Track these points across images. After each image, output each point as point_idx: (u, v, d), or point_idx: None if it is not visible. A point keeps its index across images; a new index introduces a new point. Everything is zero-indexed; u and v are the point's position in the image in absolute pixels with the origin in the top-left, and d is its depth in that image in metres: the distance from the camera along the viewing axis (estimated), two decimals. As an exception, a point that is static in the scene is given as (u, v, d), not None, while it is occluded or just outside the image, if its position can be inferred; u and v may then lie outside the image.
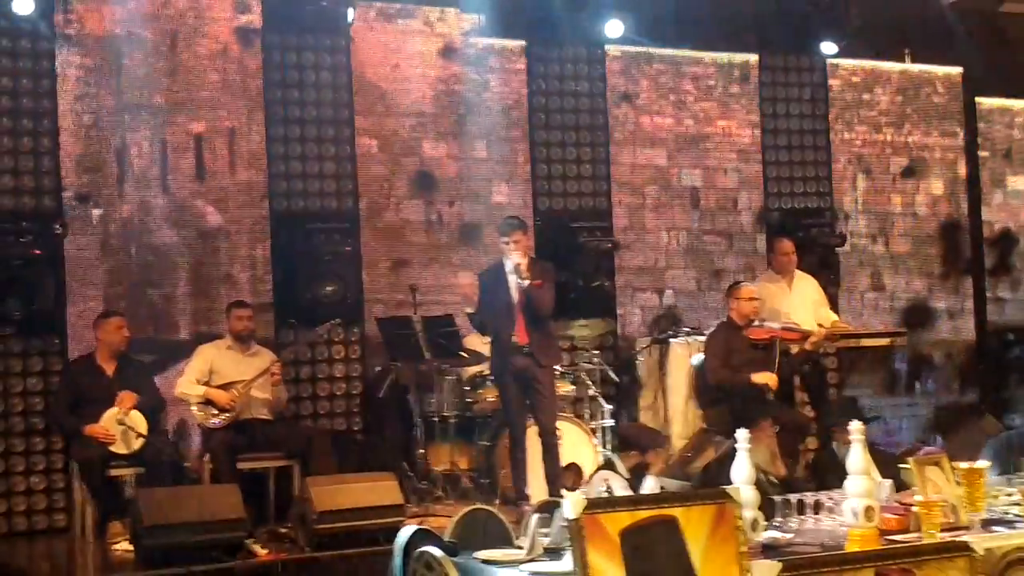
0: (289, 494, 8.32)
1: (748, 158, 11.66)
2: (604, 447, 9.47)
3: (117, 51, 9.53)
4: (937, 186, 12.64)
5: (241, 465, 8.47)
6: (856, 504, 4.91)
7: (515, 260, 8.33)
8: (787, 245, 10.23)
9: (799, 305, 9.87)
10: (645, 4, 10.49)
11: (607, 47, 10.83)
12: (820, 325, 9.73)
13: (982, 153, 12.75)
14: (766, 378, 8.96)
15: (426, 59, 10.56)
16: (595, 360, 10.00)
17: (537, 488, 8.38)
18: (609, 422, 9.74)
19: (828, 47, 11.28)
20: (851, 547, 4.81)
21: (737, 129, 11.70)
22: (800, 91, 11.45)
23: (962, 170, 12.68)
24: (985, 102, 12.79)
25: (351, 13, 9.64)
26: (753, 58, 11.51)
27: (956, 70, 12.54)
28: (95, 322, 8.65)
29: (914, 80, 12.55)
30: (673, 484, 7.80)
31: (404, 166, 10.51)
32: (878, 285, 12.33)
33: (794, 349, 9.54)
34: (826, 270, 10.92)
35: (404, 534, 5.07)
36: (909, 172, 12.55)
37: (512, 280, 8.39)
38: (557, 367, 8.96)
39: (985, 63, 12.11)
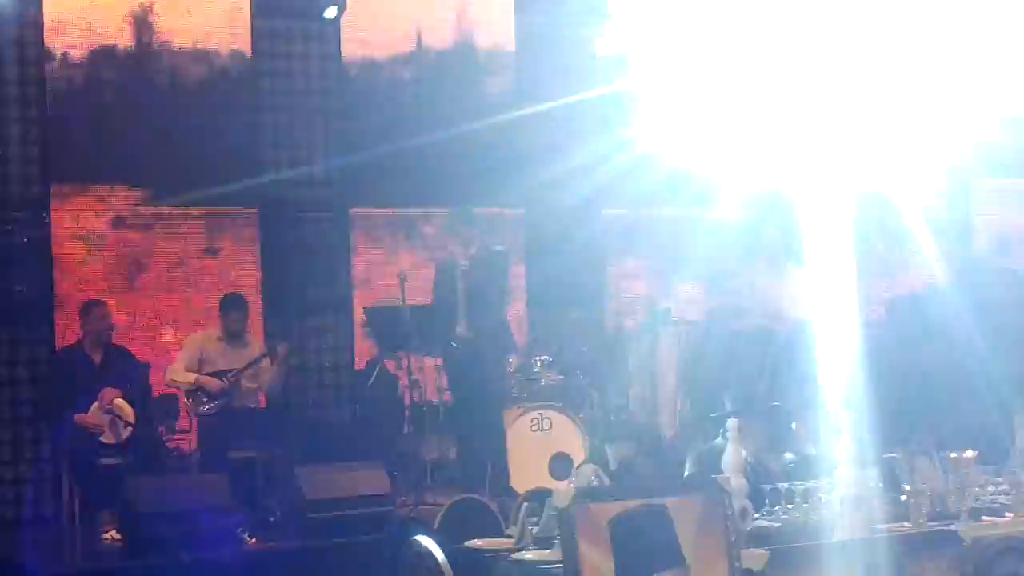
0: (279, 483, 8.30)
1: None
2: (593, 437, 9.45)
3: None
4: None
5: (231, 454, 8.45)
6: (845, 494, 4.92)
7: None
8: None
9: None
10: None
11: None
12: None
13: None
14: None
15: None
16: (584, 349, 9.98)
17: (524, 478, 8.35)
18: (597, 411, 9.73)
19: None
20: (839, 536, 4.82)
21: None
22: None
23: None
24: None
25: (333, 11, 9.58)
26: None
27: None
28: (80, 310, 8.63)
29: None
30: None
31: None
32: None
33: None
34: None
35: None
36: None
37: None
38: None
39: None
